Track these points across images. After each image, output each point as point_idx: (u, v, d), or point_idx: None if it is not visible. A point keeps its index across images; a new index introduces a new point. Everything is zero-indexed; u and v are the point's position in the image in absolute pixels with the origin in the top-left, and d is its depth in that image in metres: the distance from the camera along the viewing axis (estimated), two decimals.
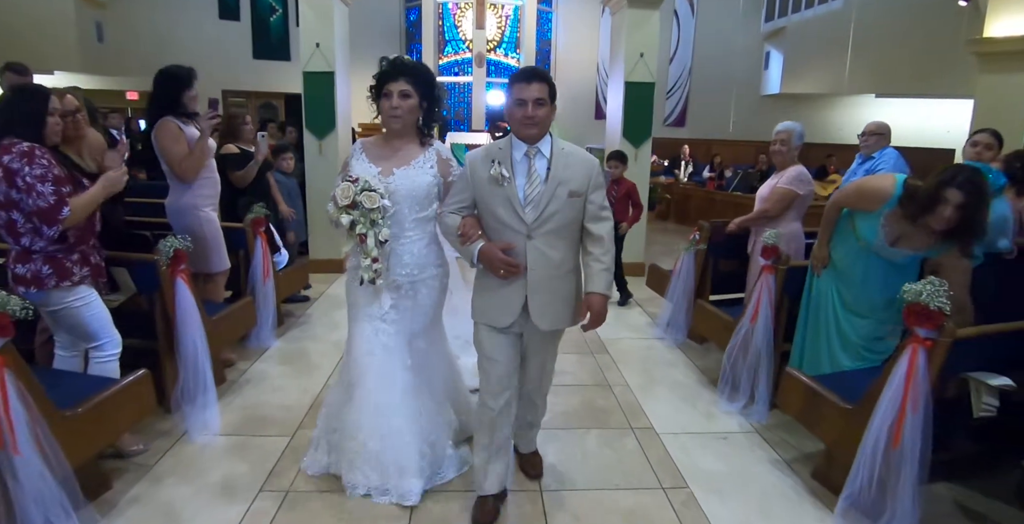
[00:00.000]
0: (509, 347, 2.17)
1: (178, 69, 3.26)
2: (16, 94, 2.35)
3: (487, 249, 2.06)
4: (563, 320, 2.17)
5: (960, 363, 2.11)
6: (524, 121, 2.01)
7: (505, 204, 2.04)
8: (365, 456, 2.29)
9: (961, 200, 2.20)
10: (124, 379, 2.33)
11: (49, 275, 2.31)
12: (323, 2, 5.31)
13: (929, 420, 2.01)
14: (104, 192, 2.38)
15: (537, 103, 2.00)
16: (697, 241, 3.82)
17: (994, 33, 7.58)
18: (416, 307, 2.36)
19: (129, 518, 2.20)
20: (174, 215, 3.30)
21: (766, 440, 2.85)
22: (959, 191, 2.20)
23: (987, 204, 2.25)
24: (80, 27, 10.76)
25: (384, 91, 2.23)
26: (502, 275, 2.06)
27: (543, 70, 2.16)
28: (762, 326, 2.96)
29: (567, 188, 2.04)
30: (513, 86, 2.04)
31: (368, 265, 2.18)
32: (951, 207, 2.21)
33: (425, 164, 2.29)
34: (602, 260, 2.11)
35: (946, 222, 2.25)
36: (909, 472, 2.03)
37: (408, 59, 2.28)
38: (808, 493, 2.46)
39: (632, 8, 5.39)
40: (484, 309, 2.17)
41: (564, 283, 2.13)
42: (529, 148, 2.06)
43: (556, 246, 2.08)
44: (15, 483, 1.84)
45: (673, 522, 2.25)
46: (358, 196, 2.11)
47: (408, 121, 2.27)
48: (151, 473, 2.47)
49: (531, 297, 2.08)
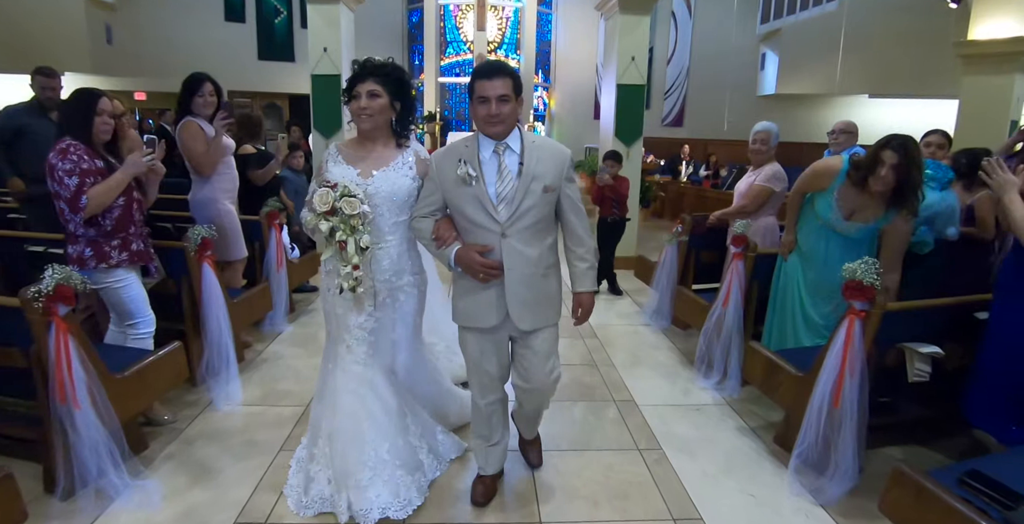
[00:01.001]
0: (496, 349, 2.17)
1: (191, 76, 3.54)
2: (70, 98, 2.67)
3: (463, 252, 2.03)
4: (545, 319, 2.14)
5: (894, 333, 2.42)
6: (488, 119, 1.96)
7: (475, 204, 2.01)
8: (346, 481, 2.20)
9: (896, 160, 2.56)
10: (161, 349, 2.66)
11: (90, 257, 2.63)
12: (330, 9, 5.63)
13: (866, 383, 2.32)
14: (126, 176, 2.62)
15: (501, 100, 1.94)
16: (679, 233, 4.13)
17: (978, 36, 7.87)
18: (397, 315, 2.33)
19: (167, 471, 2.52)
20: (196, 207, 3.63)
21: (736, 411, 3.17)
22: (894, 152, 2.56)
23: (918, 165, 2.60)
24: (90, 29, 11.05)
25: (353, 93, 2.19)
26: (481, 279, 2.04)
27: (505, 64, 2.06)
28: (733, 309, 3.28)
29: (542, 182, 2.00)
30: (475, 83, 1.97)
31: (348, 273, 2.12)
32: (887, 167, 2.57)
33: (404, 166, 2.24)
34: (586, 258, 2.14)
35: (883, 182, 2.59)
36: (849, 429, 2.34)
37: (379, 60, 2.22)
38: (768, 454, 2.77)
39: (624, 14, 5.71)
40: (467, 312, 2.14)
41: (544, 281, 2.10)
42: (497, 145, 2.01)
43: (532, 243, 2.05)
44: (74, 433, 2.17)
45: (645, 475, 2.57)
46: (338, 202, 2.04)
47: (379, 121, 2.21)
48: (182, 436, 2.80)
49: (510, 297, 2.06)
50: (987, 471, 1.84)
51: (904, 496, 1.88)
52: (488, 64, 2.02)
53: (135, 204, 2.78)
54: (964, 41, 7.97)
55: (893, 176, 2.58)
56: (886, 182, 2.60)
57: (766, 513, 2.35)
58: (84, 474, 2.21)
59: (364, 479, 2.18)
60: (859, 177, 2.68)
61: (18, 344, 2.22)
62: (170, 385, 2.76)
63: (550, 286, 2.14)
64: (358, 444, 2.20)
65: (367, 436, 2.21)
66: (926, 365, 2.41)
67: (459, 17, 13.09)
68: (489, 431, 2.31)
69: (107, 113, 2.67)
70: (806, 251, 3.05)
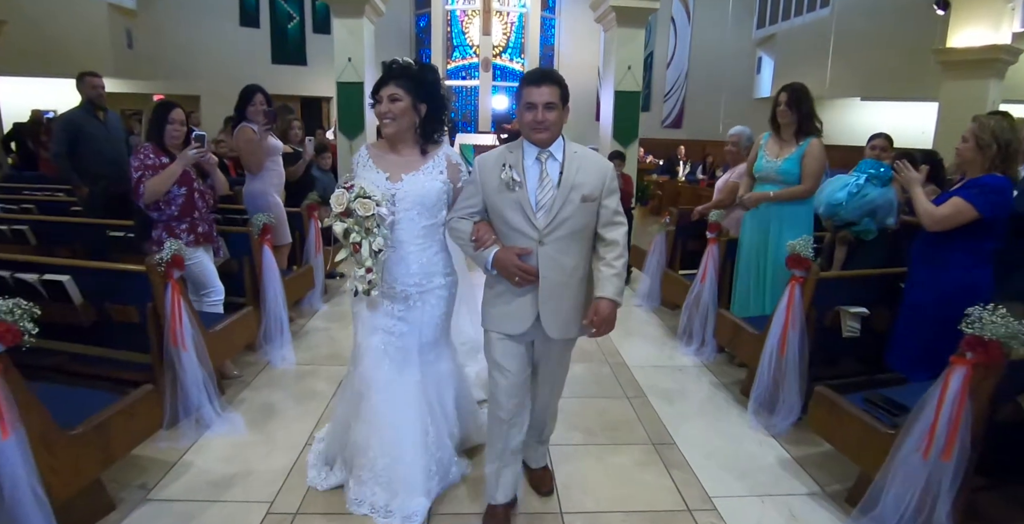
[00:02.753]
0: (521, 356, 2.18)
1: (246, 88, 4.20)
2: (152, 109, 3.33)
3: (503, 254, 2.04)
4: (574, 329, 2.16)
5: (832, 299, 3.06)
6: (534, 126, 2.00)
7: (516, 209, 2.03)
8: (374, 473, 2.29)
9: (786, 97, 3.46)
10: (239, 313, 3.32)
11: (165, 238, 3.27)
12: (354, 22, 6.30)
13: (805, 337, 2.97)
14: (178, 167, 3.19)
15: (547, 107, 1.98)
16: (667, 224, 4.78)
17: (956, 43, 8.51)
18: (425, 318, 2.33)
19: (243, 410, 3.17)
20: (249, 199, 4.29)
21: (711, 371, 3.82)
22: (784, 92, 3.50)
23: (807, 98, 3.48)
24: (112, 35, 11.69)
25: (377, 97, 2.22)
26: (516, 282, 2.04)
27: (555, 72, 2.09)
28: (709, 285, 3.93)
29: (580, 192, 2.03)
30: (523, 89, 2.02)
31: (362, 275, 2.13)
32: (783, 103, 3.47)
33: (434, 170, 2.26)
34: (614, 265, 2.09)
35: (784, 114, 3.48)
36: (792, 373, 2.98)
37: (403, 61, 2.23)
38: (736, 403, 3.41)
39: (620, 27, 6.38)
40: (496, 317, 2.15)
41: (576, 290, 2.13)
42: (541, 152, 2.05)
43: (568, 252, 2.07)
44: (182, 370, 2.82)
45: (632, 415, 3.22)
46: (351, 203, 2.04)
47: (402, 125, 2.22)
48: (250, 386, 3.45)
49: (542, 305, 2.07)
50: (888, 395, 2.49)
51: (823, 412, 2.54)
52: (537, 71, 2.07)
53: (196, 194, 3.38)
54: (943, 48, 8.62)
55: (786, 102, 3.46)
56: (785, 114, 3.46)
57: (728, 441, 3.00)
58: (187, 405, 2.86)
59: (387, 480, 2.28)
60: (770, 120, 3.59)
61: (135, 303, 2.87)
62: (245, 342, 3.43)
63: (582, 296, 2.16)
64: (389, 449, 2.28)
65: (397, 441, 2.29)
66: (856, 323, 3.05)
67: (465, 22, 13.78)
68: (504, 445, 2.24)
69: (178, 122, 3.32)
70: (754, 222, 3.67)
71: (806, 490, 2.61)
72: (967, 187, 2.71)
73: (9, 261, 2.97)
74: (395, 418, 2.29)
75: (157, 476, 2.58)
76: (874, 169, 3.51)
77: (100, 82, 4.69)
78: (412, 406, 2.32)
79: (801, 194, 3.42)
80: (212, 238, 3.50)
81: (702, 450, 2.89)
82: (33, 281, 2.85)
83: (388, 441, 2.28)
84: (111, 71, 11.83)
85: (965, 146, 2.70)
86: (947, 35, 8.64)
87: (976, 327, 1.91)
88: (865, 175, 3.39)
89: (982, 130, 2.66)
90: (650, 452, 2.88)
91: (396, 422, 2.29)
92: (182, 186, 3.28)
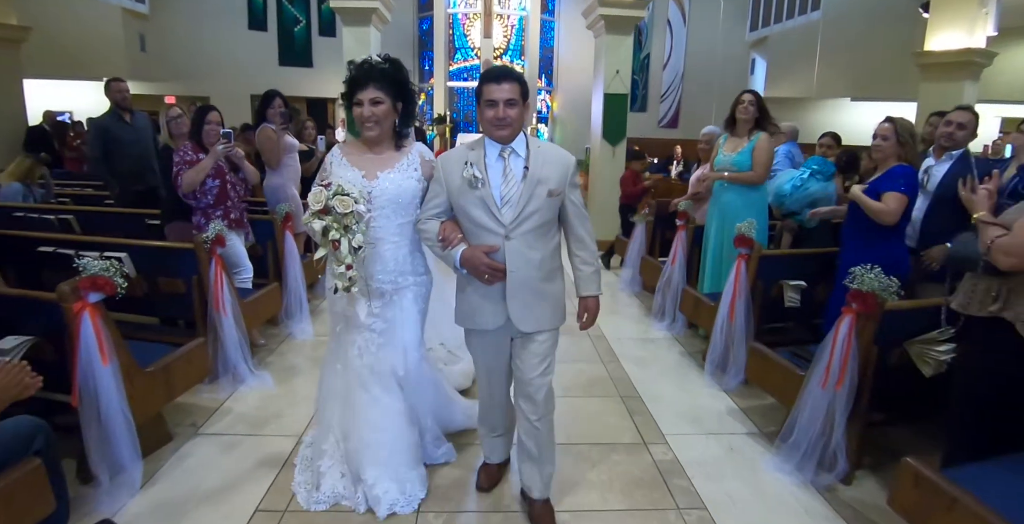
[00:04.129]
0: (500, 349, 2.27)
1: (267, 93, 4.78)
2: (194, 112, 3.92)
3: (469, 253, 2.08)
4: (546, 321, 2.19)
5: (776, 274, 3.62)
6: (495, 122, 2.04)
7: (480, 206, 2.08)
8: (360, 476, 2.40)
9: (751, 97, 4.02)
10: (266, 287, 3.91)
11: (204, 223, 3.85)
12: (362, 30, 6.89)
13: (750, 306, 3.52)
14: (209, 161, 3.73)
15: (508, 104, 2.02)
16: (647, 214, 5.35)
17: (933, 47, 9.03)
18: (402, 314, 2.41)
19: (269, 370, 3.74)
20: (269, 191, 4.86)
21: (680, 342, 4.39)
22: (748, 94, 4.03)
23: (762, 100, 4.05)
24: (126, 38, 12.29)
25: (355, 100, 2.24)
26: (486, 280, 2.09)
27: (513, 69, 2.15)
28: (679, 267, 4.49)
29: (546, 187, 2.08)
30: (483, 86, 2.05)
31: (342, 272, 2.16)
32: (747, 101, 4.00)
33: (409, 167, 2.31)
34: (591, 262, 2.20)
35: (746, 111, 4.01)
36: (741, 339, 3.54)
37: (376, 61, 2.26)
38: (697, 367, 3.98)
39: (609, 34, 6.95)
40: (469, 313, 2.22)
41: (547, 284, 2.17)
42: (504, 148, 2.10)
43: (535, 246, 2.11)
44: (222, 332, 3.39)
45: (605, 375, 3.79)
46: (330, 200, 2.08)
47: (385, 127, 2.28)
48: (274, 352, 4.04)
49: (511, 299, 2.12)
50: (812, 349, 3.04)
51: (756, 362, 3.12)
52: (496, 69, 2.10)
53: (229, 185, 3.95)
54: (921, 51, 9.15)
55: (749, 102, 4.02)
56: (748, 111, 4.00)
57: (687, 395, 3.57)
58: (226, 362, 3.43)
59: (371, 476, 2.38)
60: (729, 118, 4.14)
61: (182, 276, 3.44)
62: (271, 313, 4.03)
63: (553, 289, 2.20)
64: (369, 443, 2.40)
65: (378, 435, 2.41)
66: (796, 294, 3.61)
67: (467, 25, 14.37)
68: (493, 423, 2.49)
69: (215, 122, 3.90)
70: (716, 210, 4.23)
71: (746, 430, 3.18)
72: (891, 179, 3.25)
73: (74, 241, 3.56)
74: (377, 417, 2.41)
75: (204, 417, 3.16)
76: (819, 165, 4.08)
77: (125, 86, 5.28)
78: (391, 401, 2.43)
79: (750, 178, 3.97)
80: (243, 224, 4.08)
81: (662, 401, 3.46)
82: (95, 258, 3.43)
83: (370, 440, 2.41)
84: (125, 73, 12.32)
85: (887, 143, 3.23)
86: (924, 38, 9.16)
87: (857, 283, 2.47)
88: (810, 170, 3.95)
89: (902, 129, 3.21)
90: (617, 403, 3.45)
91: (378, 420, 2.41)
92: (216, 178, 3.85)
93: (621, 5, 6.81)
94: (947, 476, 1.92)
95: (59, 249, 3.54)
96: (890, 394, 2.72)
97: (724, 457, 2.93)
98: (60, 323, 2.36)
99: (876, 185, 3.27)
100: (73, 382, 2.33)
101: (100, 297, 2.40)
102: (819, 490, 2.63)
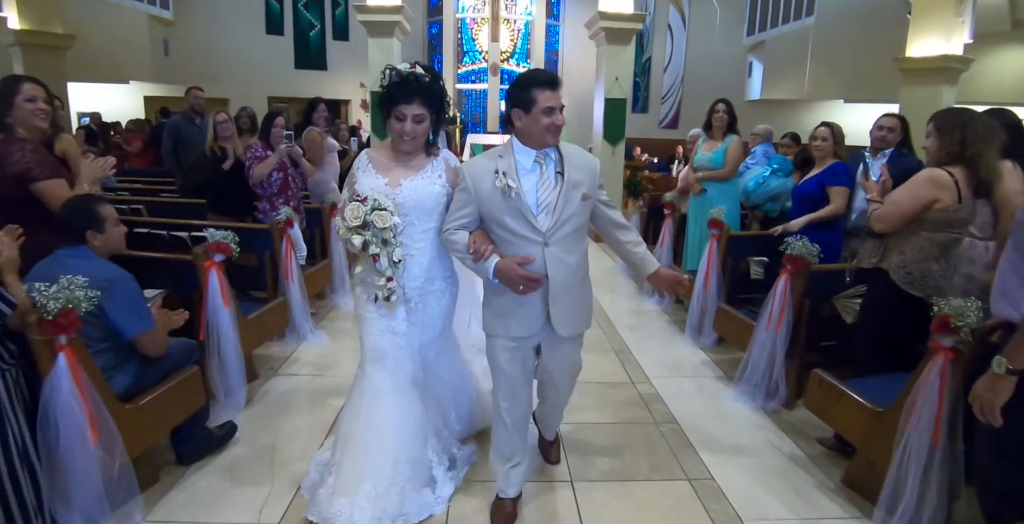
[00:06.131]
0: (525, 360, 2.28)
1: (312, 100, 5.67)
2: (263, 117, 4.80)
3: (504, 265, 2.07)
4: (582, 324, 2.28)
5: (743, 251, 4.47)
6: (552, 129, 2.05)
7: (516, 214, 2.08)
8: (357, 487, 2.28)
9: (724, 105, 4.83)
10: (319, 263, 4.79)
11: (268, 209, 4.71)
12: (385, 41, 7.75)
13: (721, 278, 4.38)
14: (275, 157, 4.59)
15: (561, 110, 2.07)
16: (641, 206, 6.21)
17: (913, 53, 9.86)
18: (427, 319, 2.44)
19: (324, 332, 4.60)
20: (313, 186, 5.74)
21: (667, 314, 5.25)
22: (721, 103, 4.81)
23: (733, 108, 4.86)
24: (152, 43, 13.17)
25: (397, 113, 2.23)
26: (521, 291, 2.09)
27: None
28: (666, 249, 5.35)
29: (580, 191, 2.11)
30: (539, 92, 2.02)
31: (382, 284, 2.21)
32: (720, 110, 4.78)
33: (433, 174, 2.32)
34: (640, 241, 2.31)
35: (720, 119, 4.81)
36: (713, 305, 4.38)
37: (420, 74, 2.23)
38: (680, 332, 4.83)
39: (610, 44, 7.81)
40: (500, 322, 2.22)
41: (581, 287, 2.24)
42: (538, 154, 2.10)
43: (572, 251, 2.15)
44: (291, 298, 4.25)
45: (603, 338, 4.65)
46: (368, 216, 2.10)
47: (420, 141, 2.31)
48: (325, 318, 4.90)
49: (553, 305, 2.14)
50: None
51: (722, 319, 4.01)
52: (548, 74, 2.10)
53: (290, 178, 4.84)
54: (902, 57, 9.98)
55: (723, 112, 4.82)
56: (721, 119, 4.81)
57: (669, 351, 4.43)
58: (293, 322, 4.29)
59: (369, 490, 2.26)
60: (706, 123, 4.94)
61: (256, 251, 4.30)
62: (323, 285, 4.96)
63: (586, 292, 2.30)
64: (373, 454, 2.32)
65: (384, 446, 2.33)
66: (760, 268, 4.46)
67: (475, 29, 15.28)
68: (511, 450, 2.37)
69: (280, 126, 4.78)
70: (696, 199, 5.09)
71: (714, 375, 4.04)
72: (834, 175, 4.08)
73: (166, 223, 4.43)
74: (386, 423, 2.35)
75: (278, 364, 4.04)
76: (779, 164, 4.93)
77: (201, 94, 6.17)
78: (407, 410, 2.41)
79: (720, 175, 4.83)
80: (300, 210, 4.94)
81: (648, 354, 4.33)
82: (185, 237, 4.30)
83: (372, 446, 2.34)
84: (150, 76, 13.38)
85: (826, 144, 4.08)
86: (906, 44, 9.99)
87: (790, 249, 3.33)
88: (771, 169, 4.81)
89: (838, 132, 4.07)
90: (610, 354, 4.32)
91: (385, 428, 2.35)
92: (279, 172, 4.73)
93: (621, 18, 7.68)
94: (841, 381, 2.78)
95: (152, 230, 4.41)
96: (826, 340, 3.57)
97: (695, 392, 3.79)
98: (192, 277, 3.22)
99: (821, 178, 4.12)
100: (201, 321, 3.18)
101: (222, 257, 3.26)
102: (767, 413, 3.48)
